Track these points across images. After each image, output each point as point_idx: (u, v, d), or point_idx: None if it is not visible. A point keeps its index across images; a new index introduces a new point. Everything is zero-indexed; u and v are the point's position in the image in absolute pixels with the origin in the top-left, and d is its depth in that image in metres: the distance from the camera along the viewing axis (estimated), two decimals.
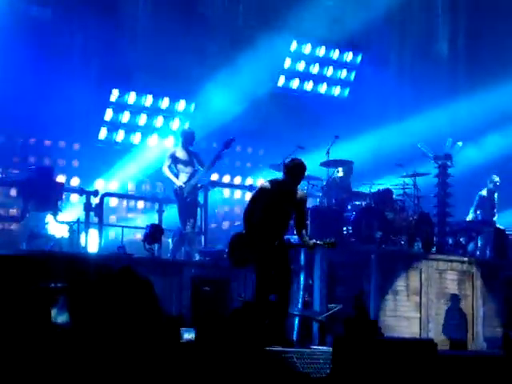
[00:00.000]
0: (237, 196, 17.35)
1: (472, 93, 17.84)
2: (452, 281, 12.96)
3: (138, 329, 6.84)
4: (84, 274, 8.28)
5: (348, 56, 18.66)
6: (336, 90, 18.72)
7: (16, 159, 15.51)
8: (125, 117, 16.27)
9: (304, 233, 9.93)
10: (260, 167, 16.84)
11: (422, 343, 8.31)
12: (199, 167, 13.22)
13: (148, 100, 16.46)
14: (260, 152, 18.06)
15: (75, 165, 16.02)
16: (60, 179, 14.53)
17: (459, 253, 14.11)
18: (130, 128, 16.40)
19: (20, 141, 15.64)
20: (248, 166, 17.91)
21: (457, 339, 12.11)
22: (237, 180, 17.57)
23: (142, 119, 16.47)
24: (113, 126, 16.22)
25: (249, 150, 18.08)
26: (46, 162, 15.48)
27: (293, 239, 10.64)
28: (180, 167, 13.18)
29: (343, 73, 18.69)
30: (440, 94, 18.60)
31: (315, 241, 9.92)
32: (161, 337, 7.06)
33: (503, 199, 16.31)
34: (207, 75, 16.32)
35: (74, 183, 15.36)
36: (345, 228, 13.03)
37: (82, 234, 12.94)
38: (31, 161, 15.44)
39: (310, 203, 12.96)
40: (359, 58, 18.66)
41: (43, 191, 12.98)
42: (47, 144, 15.93)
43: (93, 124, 16.05)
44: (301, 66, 18.31)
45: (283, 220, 9.80)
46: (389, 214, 13.32)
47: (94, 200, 13.30)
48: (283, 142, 15.09)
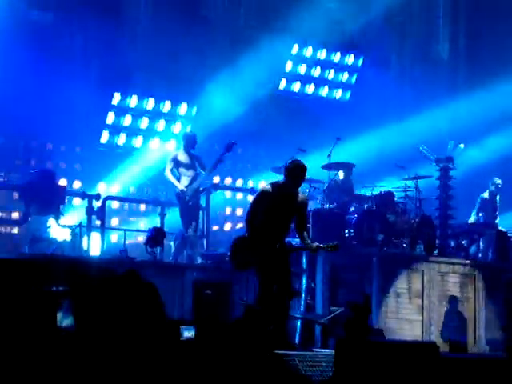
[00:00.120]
0: (239, 197, 17.37)
1: (472, 93, 17.83)
2: (454, 283, 12.92)
3: (143, 333, 6.84)
4: (86, 278, 8.28)
5: (349, 59, 18.64)
6: (338, 93, 18.70)
7: (18, 162, 15.53)
8: (126, 120, 16.27)
9: (306, 235, 9.91)
10: (261, 169, 16.83)
11: (424, 346, 8.30)
12: (201, 170, 13.21)
13: (150, 103, 16.45)
14: (261, 154, 18.05)
15: (77, 168, 16.04)
16: (62, 183, 14.55)
17: (461, 255, 14.09)
18: (132, 131, 16.40)
19: (22, 144, 15.64)
20: (249, 168, 17.91)
21: (457, 341, 12.08)
22: (238, 182, 17.58)
23: (144, 122, 16.46)
24: (114, 130, 16.22)
25: (250, 152, 18.07)
26: (48, 166, 15.43)
27: (294, 242, 10.63)
28: (182, 170, 13.17)
29: (345, 75, 18.68)
30: (440, 95, 18.63)
31: (318, 244, 9.92)
32: (162, 337, 7.05)
33: (505, 201, 16.27)
34: (208, 77, 16.34)
35: (76, 187, 15.35)
36: (346, 231, 13.02)
37: (84, 238, 12.92)
38: (33, 164, 15.44)
39: (312, 206, 12.95)
40: (361, 61, 18.64)
41: (45, 195, 12.99)
42: (49, 147, 15.94)
43: (95, 127, 16.04)
44: (302, 69, 18.30)
45: (284, 223, 9.77)
46: (390, 217, 13.31)
47: (96, 203, 13.27)
48: (284, 145, 15.10)
